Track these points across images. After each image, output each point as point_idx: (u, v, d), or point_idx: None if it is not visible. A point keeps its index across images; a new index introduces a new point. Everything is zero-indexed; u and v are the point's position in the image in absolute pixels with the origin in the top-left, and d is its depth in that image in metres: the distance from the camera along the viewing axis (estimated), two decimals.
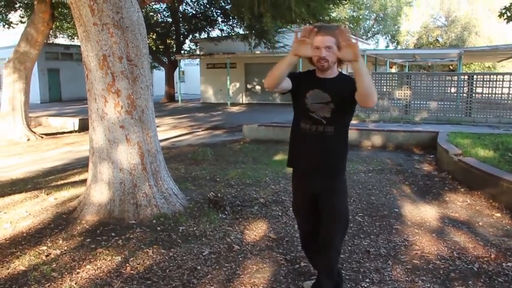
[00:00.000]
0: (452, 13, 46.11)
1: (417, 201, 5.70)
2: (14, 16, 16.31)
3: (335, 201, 2.92)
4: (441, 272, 3.64)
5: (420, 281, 3.47)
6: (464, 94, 14.43)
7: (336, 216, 2.94)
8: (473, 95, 14.19)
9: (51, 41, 26.16)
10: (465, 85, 14.47)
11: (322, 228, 2.97)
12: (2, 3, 14.03)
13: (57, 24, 19.78)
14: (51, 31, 15.30)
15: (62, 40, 29.82)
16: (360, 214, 5.12)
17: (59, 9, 13.02)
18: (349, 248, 4.14)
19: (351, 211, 5.19)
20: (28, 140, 12.25)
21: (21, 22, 16.75)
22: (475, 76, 14.46)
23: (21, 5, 15.23)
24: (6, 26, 15.40)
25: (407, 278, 3.53)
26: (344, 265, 3.77)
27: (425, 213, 5.19)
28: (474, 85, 14.19)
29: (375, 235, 4.47)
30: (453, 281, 3.48)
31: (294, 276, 3.55)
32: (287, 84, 2.77)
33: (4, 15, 15.10)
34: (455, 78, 15.37)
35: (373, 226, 4.73)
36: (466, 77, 14.78)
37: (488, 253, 4.00)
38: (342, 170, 2.98)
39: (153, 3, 22.26)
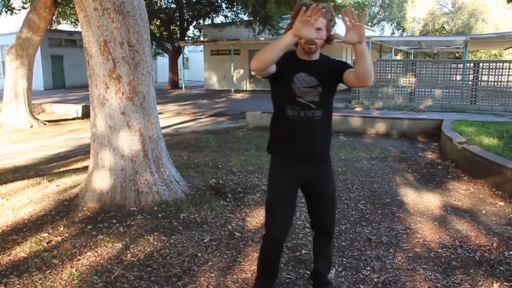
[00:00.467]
0: None
1: (420, 189, 5.67)
2: (16, 2, 16.23)
3: (330, 185, 2.88)
4: (443, 260, 3.62)
5: (421, 269, 3.45)
6: (470, 82, 14.34)
7: (333, 200, 2.92)
8: (479, 83, 14.08)
9: (54, 28, 26.08)
10: (470, 72, 14.37)
11: (320, 213, 2.91)
12: None
13: (60, 10, 19.69)
14: (54, 17, 15.21)
15: (65, 26, 29.74)
16: (362, 202, 5.09)
17: None
18: (351, 235, 4.13)
19: (353, 199, 5.19)
20: (31, 127, 12.25)
21: (23, 8, 16.67)
22: (481, 64, 14.37)
23: None
24: (8, 12, 15.30)
25: (408, 266, 3.51)
26: (346, 252, 3.76)
27: (428, 201, 5.16)
28: (480, 73, 14.09)
29: (377, 223, 4.45)
30: (454, 269, 3.46)
31: (294, 264, 3.54)
32: (273, 67, 2.53)
33: (6, 0, 15.00)
34: (461, 65, 15.25)
35: (375, 214, 4.71)
36: (471, 64, 14.67)
37: (491, 241, 3.97)
38: (329, 153, 2.88)
39: None
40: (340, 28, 2.42)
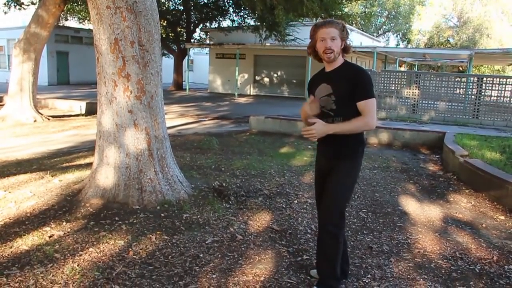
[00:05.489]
0: (465, 14, 45.80)
1: (421, 200, 5.68)
2: None
3: (337, 177, 3.05)
4: (443, 271, 3.63)
5: (421, 280, 3.47)
6: (473, 96, 14.35)
7: (333, 191, 3.08)
8: (482, 97, 14.11)
9: (61, 24, 26.15)
10: (474, 87, 14.39)
11: (322, 204, 3.19)
12: None
13: (68, 6, 19.74)
14: (62, 13, 15.27)
15: (72, 23, 29.83)
16: (364, 210, 5.11)
17: None
18: (352, 243, 4.14)
19: (354, 207, 5.20)
20: (35, 121, 12.28)
21: (32, 3, 16.75)
22: (484, 78, 14.36)
23: None
24: (18, 7, 15.38)
25: (408, 276, 3.52)
26: None
27: (429, 212, 5.18)
28: (483, 88, 14.11)
29: (378, 232, 4.46)
30: (454, 281, 3.47)
31: (296, 268, 3.55)
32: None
33: None
34: (464, 79, 15.26)
35: (377, 223, 4.73)
36: (475, 79, 14.69)
37: (491, 255, 3.99)
38: (351, 150, 3.04)
39: None
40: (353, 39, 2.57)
